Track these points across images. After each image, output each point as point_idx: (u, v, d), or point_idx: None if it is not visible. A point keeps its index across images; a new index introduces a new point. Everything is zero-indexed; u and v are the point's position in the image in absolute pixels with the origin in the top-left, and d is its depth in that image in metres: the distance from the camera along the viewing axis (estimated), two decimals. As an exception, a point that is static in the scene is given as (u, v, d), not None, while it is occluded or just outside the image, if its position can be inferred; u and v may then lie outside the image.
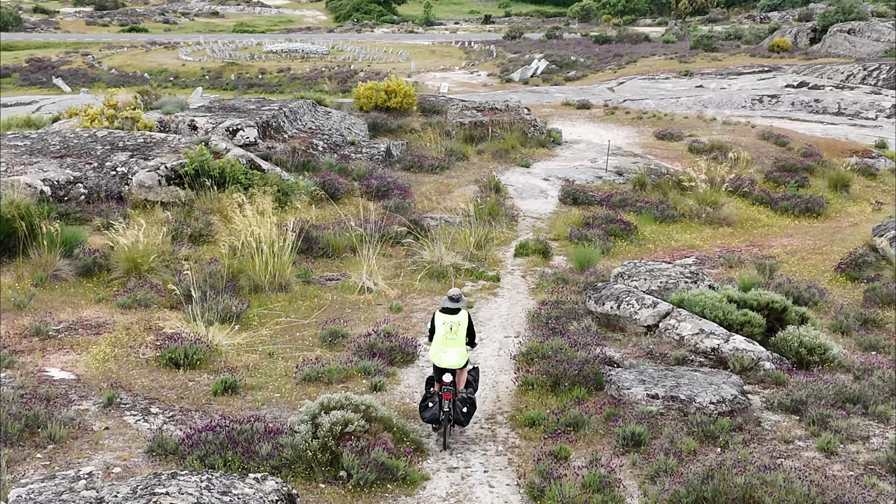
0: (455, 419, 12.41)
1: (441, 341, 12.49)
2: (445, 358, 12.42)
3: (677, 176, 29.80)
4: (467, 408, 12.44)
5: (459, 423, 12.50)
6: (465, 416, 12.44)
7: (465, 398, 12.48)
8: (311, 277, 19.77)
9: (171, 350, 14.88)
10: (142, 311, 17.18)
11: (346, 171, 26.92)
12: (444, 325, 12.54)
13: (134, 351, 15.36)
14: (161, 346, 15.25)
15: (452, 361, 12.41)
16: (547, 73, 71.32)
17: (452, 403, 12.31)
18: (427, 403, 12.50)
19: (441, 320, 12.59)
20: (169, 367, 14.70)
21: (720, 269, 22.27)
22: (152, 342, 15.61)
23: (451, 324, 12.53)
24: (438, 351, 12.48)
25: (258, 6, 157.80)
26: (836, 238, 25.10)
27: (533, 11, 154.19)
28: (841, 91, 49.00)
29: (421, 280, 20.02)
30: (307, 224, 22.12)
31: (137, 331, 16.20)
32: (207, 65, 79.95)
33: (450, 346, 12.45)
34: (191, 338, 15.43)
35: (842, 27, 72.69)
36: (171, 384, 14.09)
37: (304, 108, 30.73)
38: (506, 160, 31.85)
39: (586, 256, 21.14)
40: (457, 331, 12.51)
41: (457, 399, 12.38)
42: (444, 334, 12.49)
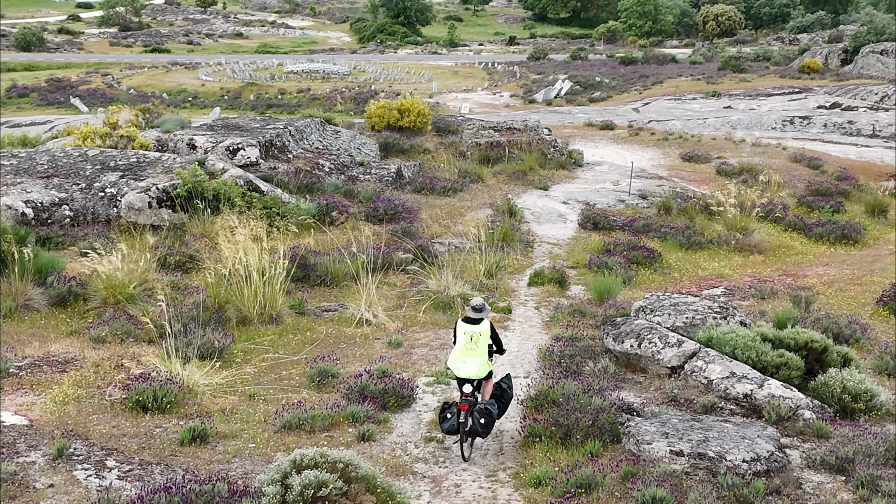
0: (473, 430, 12.04)
1: (461, 351, 12.28)
2: (464, 368, 12.21)
3: (705, 200, 28.15)
4: (485, 419, 12.02)
5: (478, 435, 12.15)
6: (484, 427, 12.00)
7: (483, 409, 12.07)
8: (305, 308, 18.23)
9: (138, 392, 13.34)
10: (116, 345, 15.70)
11: (352, 193, 25.44)
12: (465, 335, 12.32)
13: (100, 392, 13.85)
14: (130, 386, 13.72)
15: (471, 372, 12.19)
16: (571, 93, 69.84)
17: (469, 414, 11.97)
18: (446, 414, 12.19)
19: (462, 329, 12.37)
20: (135, 411, 13.17)
21: (751, 300, 20.59)
22: (122, 381, 14.08)
23: (472, 333, 12.29)
24: (458, 361, 12.28)
25: (283, 27, 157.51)
26: (876, 267, 23.36)
27: (558, 33, 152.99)
28: (875, 112, 47.15)
29: (425, 312, 18.45)
30: (306, 250, 20.63)
31: (108, 368, 14.70)
32: (227, 85, 79.04)
33: (469, 357, 12.22)
34: (162, 377, 13.89)
35: (874, 48, 70.75)
36: (134, 431, 12.55)
37: (311, 128, 29.29)
38: (523, 182, 30.28)
39: (606, 287, 19.49)
40: (477, 341, 12.27)
41: (474, 410, 12.02)
42: (464, 344, 12.28)
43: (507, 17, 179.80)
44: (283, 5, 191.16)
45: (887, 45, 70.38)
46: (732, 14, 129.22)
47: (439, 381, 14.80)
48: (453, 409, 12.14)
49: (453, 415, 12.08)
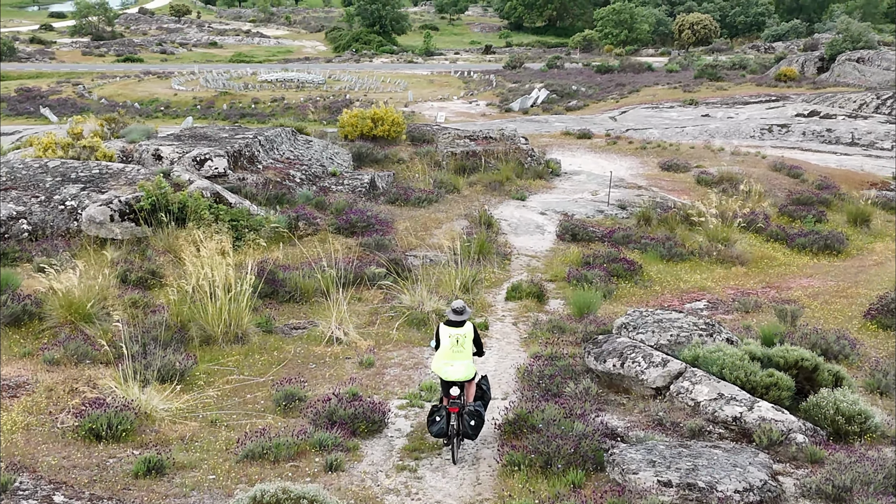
0: (463, 433, 12.12)
1: (447, 354, 12.30)
2: (452, 371, 12.24)
3: (685, 210, 27.54)
4: (475, 421, 12.13)
5: (468, 437, 12.21)
6: (473, 429, 12.12)
7: (473, 411, 12.17)
8: (273, 326, 17.45)
9: (91, 419, 12.53)
10: (71, 367, 14.86)
11: (323, 204, 24.65)
12: (449, 338, 12.35)
13: (52, 419, 13.04)
14: (83, 413, 12.90)
15: (460, 374, 12.24)
16: (547, 102, 69.27)
17: (459, 416, 12.05)
18: (434, 417, 12.22)
19: (447, 333, 12.40)
20: (88, 439, 12.37)
21: (735, 314, 19.96)
22: (76, 407, 13.26)
23: (458, 336, 12.36)
24: (444, 364, 12.28)
25: (257, 37, 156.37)
26: (861, 279, 22.80)
27: (534, 42, 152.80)
28: (854, 120, 46.77)
29: (398, 329, 17.70)
30: (274, 264, 19.84)
31: (61, 393, 13.87)
32: (200, 94, 78.04)
33: (456, 360, 12.27)
34: (118, 403, 13.08)
35: (850, 56, 70.61)
36: (86, 463, 11.75)
37: (282, 137, 28.47)
38: (500, 193, 29.58)
39: (586, 301, 18.79)
40: (463, 343, 12.35)
41: (464, 412, 12.10)
42: (449, 347, 12.31)
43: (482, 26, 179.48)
44: (258, 14, 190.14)
45: (864, 53, 70.27)
46: (708, 23, 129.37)
47: (413, 403, 14.07)
48: (442, 412, 12.14)
49: (442, 418, 12.10)
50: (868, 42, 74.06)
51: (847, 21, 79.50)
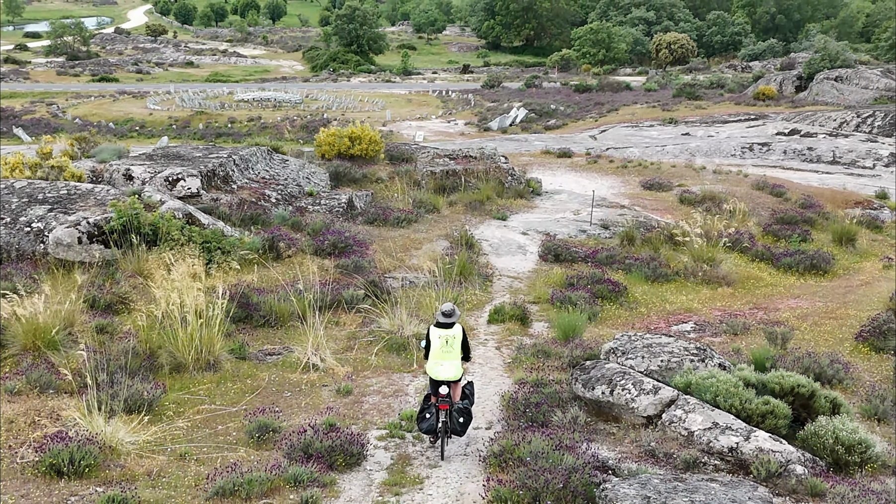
0: (452, 429, 12.71)
1: (438, 355, 12.87)
2: (442, 371, 12.81)
3: (669, 229, 27.07)
4: (463, 418, 12.79)
5: (456, 434, 12.81)
6: (462, 426, 12.77)
7: (461, 409, 12.84)
8: (246, 352, 16.75)
9: (53, 453, 11.80)
10: (34, 398, 14.12)
11: (299, 225, 23.99)
12: (439, 339, 12.90)
13: (11, 453, 12.30)
14: (45, 447, 12.16)
15: (449, 374, 12.81)
16: (526, 121, 68.99)
17: (449, 414, 12.62)
18: (424, 415, 12.81)
19: (436, 334, 12.94)
20: (49, 475, 11.63)
21: (723, 337, 19.45)
22: (37, 441, 12.53)
23: (447, 337, 12.89)
24: (435, 364, 12.85)
25: (234, 56, 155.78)
26: (850, 299, 22.34)
27: (512, 61, 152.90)
28: (835, 139, 46.58)
29: (377, 354, 17.05)
30: (248, 287, 19.16)
31: (22, 425, 13.14)
32: (175, 114, 77.41)
33: (446, 360, 12.85)
34: (81, 436, 12.35)
35: (828, 75, 70.76)
36: (46, 501, 11.03)
37: (257, 156, 27.82)
38: (480, 212, 29.01)
39: (571, 324, 18.21)
40: (452, 344, 12.89)
41: (453, 410, 12.69)
42: (439, 348, 12.87)
43: (460, 46, 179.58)
44: (235, 34, 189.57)
45: (842, 72, 70.42)
46: (685, 42, 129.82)
47: (393, 434, 13.43)
48: (432, 409, 12.74)
49: (432, 415, 12.70)
50: (846, 61, 74.25)
51: (825, 40, 79.73)
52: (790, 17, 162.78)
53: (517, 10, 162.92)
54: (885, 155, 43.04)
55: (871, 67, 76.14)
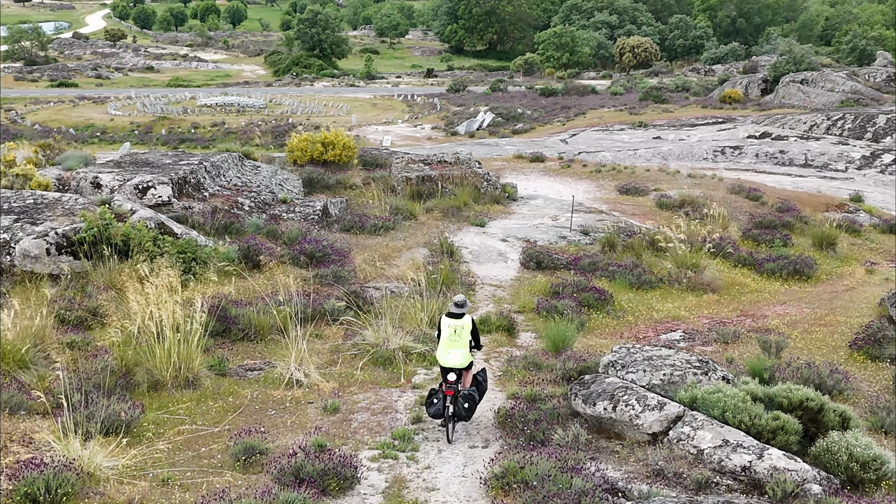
0: (457, 414, 13.34)
1: (446, 343, 13.59)
2: (450, 358, 13.54)
3: (650, 235, 26.63)
4: (469, 404, 13.41)
5: (461, 419, 13.45)
6: (467, 411, 13.41)
7: (467, 395, 13.44)
8: (226, 368, 16.04)
9: (27, 482, 11.06)
10: (5, 420, 13.32)
11: (275, 233, 23.28)
12: (448, 328, 13.63)
13: (-18, 481, 11.53)
14: (18, 474, 11.41)
15: (456, 362, 13.52)
16: (493, 125, 68.53)
17: (455, 400, 13.28)
18: (432, 400, 13.49)
19: (446, 324, 13.68)
20: (24, 505, 10.90)
21: (714, 346, 19.01)
22: (10, 467, 11.77)
23: (455, 327, 13.62)
24: (444, 352, 13.58)
25: (195, 61, 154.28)
26: (837, 305, 21.99)
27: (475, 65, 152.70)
28: (806, 141, 46.50)
29: (363, 369, 16.40)
30: (226, 300, 18.44)
31: (-8, 450, 12.37)
32: (137, 119, 76.23)
33: (454, 348, 13.56)
34: (57, 462, 11.61)
35: (794, 77, 70.90)
36: (21, 535, 10.30)
37: (228, 163, 27.04)
38: (458, 219, 28.43)
39: (560, 335, 17.67)
40: (460, 333, 13.58)
41: (459, 396, 13.34)
42: (448, 336, 13.60)
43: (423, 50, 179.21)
44: (195, 39, 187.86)
45: (807, 75, 70.59)
46: (648, 46, 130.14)
47: (386, 454, 12.79)
48: (439, 395, 13.44)
49: (439, 400, 13.36)
50: (811, 64, 74.49)
51: (789, 43, 79.96)
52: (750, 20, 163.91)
53: (480, 15, 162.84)
54: (857, 158, 42.99)
55: (836, 70, 76.45)
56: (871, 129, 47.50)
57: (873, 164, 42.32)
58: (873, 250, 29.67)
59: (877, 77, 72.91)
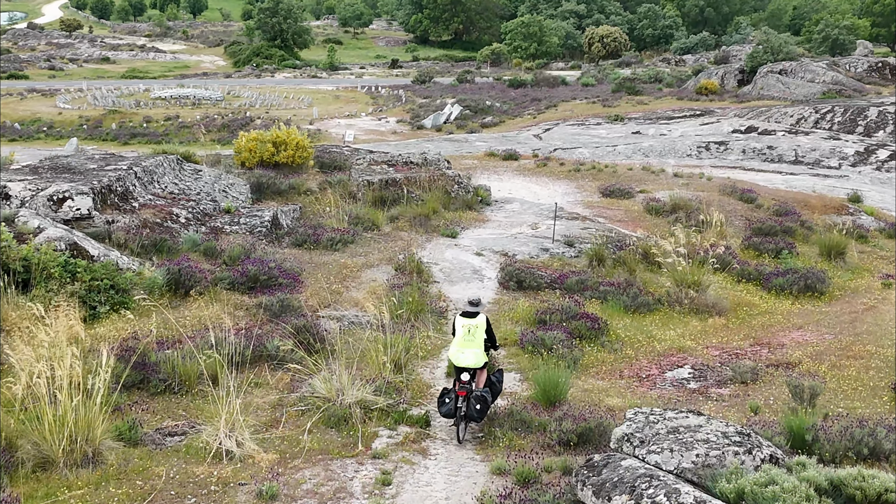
0: (469, 415, 13.11)
1: (460, 343, 13.42)
2: (463, 358, 13.34)
3: (643, 246, 23.66)
4: (480, 405, 13.11)
5: (473, 420, 13.20)
6: (479, 412, 13.12)
7: (480, 396, 13.15)
8: (139, 434, 12.78)
9: None
10: None
11: (214, 251, 20.02)
12: (462, 328, 13.46)
13: None
14: None
15: (469, 361, 13.31)
16: (461, 118, 65.43)
17: (466, 400, 13.09)
18: (444, 399, 13.22)
19: (461, 323, 13.52)
20: None
21: (732, 387, 16.08)
22: None
23: (470, 326, 13.42)
24: (457, 352, 13.41)
25: (153, 52, 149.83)
26: (861, 331, 19.10)
27: (441, 56, 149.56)
28: (795, 136, 43.73)
29: (311, 431, 13.22)
30: (147, 340, 15.21)
31: None
32: (87, 113, 72.34)
33: (468, 348, 13.36)
34: None
35: (773, 68, 68.30)
36: None
37: (164, 167, 23.67)
38: (426, 228, 25.27)
39: (552, 382, 14.56)
40: (475, 333, 13.41)
41: (471, 396, 13.12)
42: (462, 336, 13.41)
43: (388, 40, 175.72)
44: (154, 29, 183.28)
45: (786, 65, 68.05)
46: (618, 35, 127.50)
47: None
48: (451, 394, 13.21)
49: (451, 400, 13.15)
50: (789, 54, 71.95)
51: (767, 32, 77.42)
52: (719, 10, 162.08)
53: (445, 4, 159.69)
54: (851, 154, 40.29)
55: (815, 60, 73.98)
56: (863, 123, 44.85)
57: (868, 161, 39.64)
58: (885, 259, 26.88)
59: (858, 67, 70.47)
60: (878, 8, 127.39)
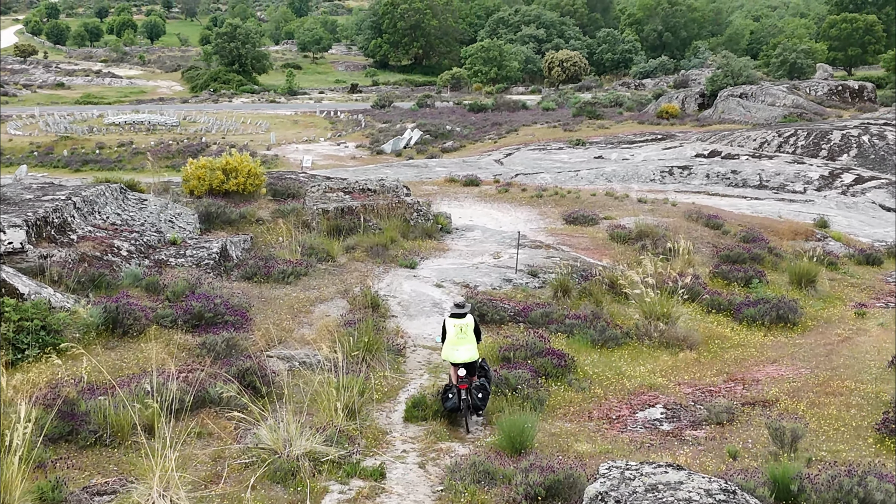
0: (473, 405, 14.50)
1: (453, 341, 14.58)
2: (459, 355, 14.53)
3: (609, 276, 22.75)
4: (482, 394, 14.58)
5: (477, 409, 14.58)
6: (482, 401, 14.56)
7: (480, 385, 14.60)
8: (64, 495, 11.57)
9: None
10: None
11: (156, 286, 18.81)
12: (454, 328, 14.62)
13: None
14: None
15: (465, 357, 14.51)
16: (421, 143, 64.65)
17: (469, 392, 14.39)
18: (448, 395, 14.42)
19: (451, 324, 14.67)
20: None
21: (707, 428, 15.13)
22: None
23: (461, 325, 14.64)
24: (452, 350, 14.60)
25: (108, 77, 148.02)
26: (838, 364, 18.25)
27: (401, 80, 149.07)
28: (759, 160, 43.21)
29: (255, 487, 12.06)
30: (77, 386, 14.00)
31: None
32: (38, 139, 70.81)
33: (461, 345, 14.57)
34: None
35: (733, 92, 68.13)
36: None
37: (106, 197, 22.41)
38: (384, 259, 24.19)
39: (517, 429, 13.50)
40: (466, 331, 14.65)
41: (472, 388, 14.49)
42: (455, 335, 14.57)
43: (347, 65, 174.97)
44: (110, 54, 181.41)
45: (746, 89, 67.90)
46: (578, 60, 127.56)
47: None
48: (454, 390, 14.33)
49: (454, 395, 14.25)
50: (749, 77, 71.89)
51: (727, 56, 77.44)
52: (677, 34, 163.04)
53: (405, 29, 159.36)
54: (816, 178, 39.77)
55: (776, 84, 73.92)
56: (826, 147, 44.44)
57: (833, 185, 39.13)
58: (855, 286, 26.17)
59: (818, 90, 70.46)
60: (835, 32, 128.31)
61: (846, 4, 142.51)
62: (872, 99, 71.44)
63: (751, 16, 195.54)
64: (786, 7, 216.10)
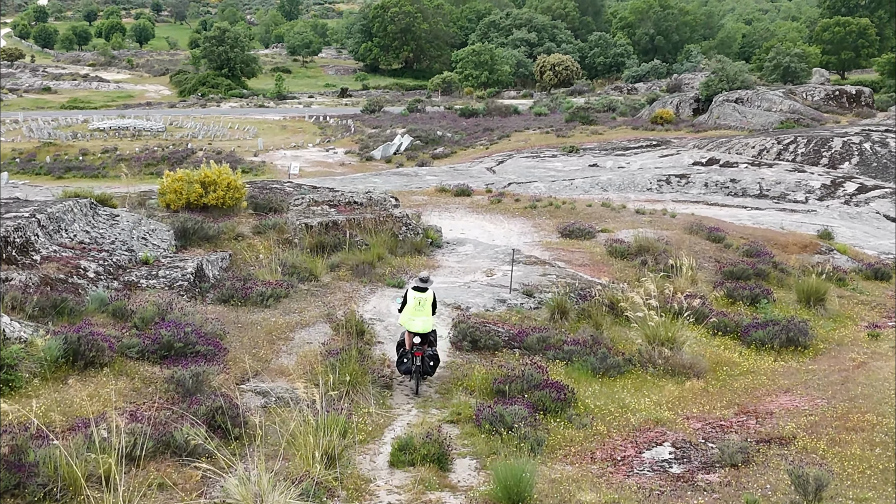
0: (424, 371, 16.59)
1: (412, 311, 16.49)
2: (415, 325, 16.42)
3: (609, 296, 21.47)
4: (434, 362, 16.67)
5: (428, 374, 16.71)
6: (432, 368, 16.70)
7: (432, 355, 16.61)
8: (4, 564, 10.29)
9: None
10: None
11: (123, 312, 17.42)
12: (414, 299, 16.55)
13: None
14: None
15: (420, 327, 16.42)
16: (411, 149, 63.39)
17: (422, 360, 16.43)
18: (403, 360, 16.49)
19: (412, 295, 16.60)
20: None
21: (720, 472, 13.83)
22: None
23: (420, 298, 16.55)
24: (409, 319, 16.48)
25: (96, 81, 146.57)
26: (856, 394, 17.00)
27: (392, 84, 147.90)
28: (759, 168, 42.00)
29: (221, 552, 10.77)
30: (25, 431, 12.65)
31: None
32: (21, 145, 69.41)
33: (418, 316, 16.45)
34: None
35: (728, 97, 66.98)
36: None
37: (74, 213, 21.02)
38: (371, 278, 22.86)
39: (515, 476, 12.20)
40: (424, 304, 16.57)
41: (425, 356, 16.47)
42: (413, 306, 16.52)
43: (337, 69, 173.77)
44: (98, 58, 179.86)
45: (742, 94, 66.77)
46: (570, 64, 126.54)
47: None
48: (408, 355, 16.43)
49: (409, 360, 16.39)
50: (745, 82, 70.71)
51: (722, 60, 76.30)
52: (669, 38, 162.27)
53: (395, 32, 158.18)
54: (817, 187, 38.59)
55: (772, 88, 72.82)
56: (828, 154, 43.28)
57: (836, 195, 37.96)
58: (866, 304, 24.98)
59: (815, 95, 69.35)
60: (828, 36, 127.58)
61: (838, 8, 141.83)
62: (870, 104, 70.45)
63: (742, 19, 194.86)
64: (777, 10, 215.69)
